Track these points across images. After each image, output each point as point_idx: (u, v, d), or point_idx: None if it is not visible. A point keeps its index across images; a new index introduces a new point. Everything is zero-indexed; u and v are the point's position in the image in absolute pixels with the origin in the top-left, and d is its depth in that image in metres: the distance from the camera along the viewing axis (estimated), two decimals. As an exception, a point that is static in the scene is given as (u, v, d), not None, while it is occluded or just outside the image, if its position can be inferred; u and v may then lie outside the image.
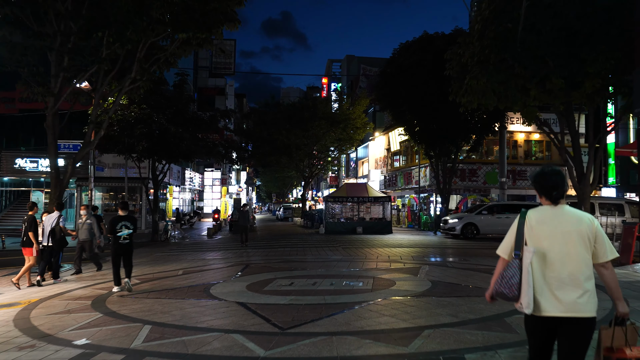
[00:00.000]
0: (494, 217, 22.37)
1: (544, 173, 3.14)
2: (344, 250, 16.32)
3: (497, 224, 22.25)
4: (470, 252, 15.98)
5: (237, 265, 12.53)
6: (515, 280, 2.96)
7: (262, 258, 14.51)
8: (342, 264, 12.58)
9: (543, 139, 30.78)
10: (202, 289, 9.23)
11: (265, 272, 11.21)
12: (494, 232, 22.62)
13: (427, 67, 23.91)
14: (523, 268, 2.95)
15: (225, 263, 13.18)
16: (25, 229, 10.57)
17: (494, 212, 22.70)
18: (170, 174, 33.89)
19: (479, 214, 22.89)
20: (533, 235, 2.99)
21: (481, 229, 22.26)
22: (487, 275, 10.44)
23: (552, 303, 2.88)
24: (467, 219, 22.51)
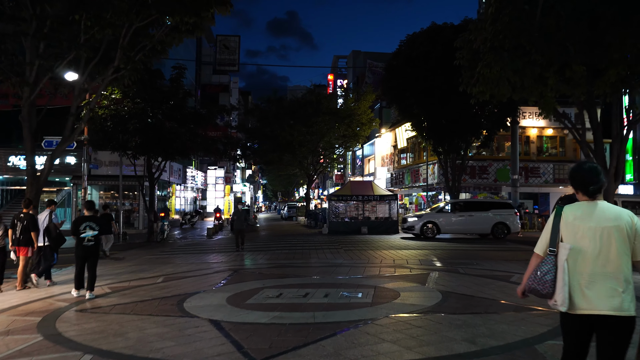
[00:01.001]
0: (455, 216, 20.94)
1: (580, 167, 3.04)
2: (345, 253, 14.96)
3: (458, 223, 20.91)
4: (483, 255, 14.56)
5: (225, 271, 11.21)
6: (549, 277, 2.91)
7: (255, 262, 13.21)
8: (342, 269, 11.23)
9: (556, 134, 29.23)
10: (177, 301, 7.92)
11: (253, 280, 9.89)
12: (455, 231, 21.23)
13: (435, 59, 22.49)
14: (558, 265, 2.90)
15: (214, 268, 11.87)
16: (24, 227, 9.80)
17: (456, 211, 21.22)
18: (170, 172, 32.70)
19: (440, 212, 21.48)
20: (569, 232, 2.93)
21: (442, 228, 20.89)
22: (504, 284, 9.05)
23: (589, 301, 2.82)
24: (426, 218, 21.13)
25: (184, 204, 40.11)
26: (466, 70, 16.07)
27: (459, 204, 21.79)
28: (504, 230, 20.72)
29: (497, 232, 20.68)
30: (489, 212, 20.97)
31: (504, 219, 20.79)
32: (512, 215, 21.08)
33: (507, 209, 21.45)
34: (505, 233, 20.72)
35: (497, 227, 20.69)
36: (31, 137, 13.73)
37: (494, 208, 21.27)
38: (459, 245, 18.12)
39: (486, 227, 20.77)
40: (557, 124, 28.76)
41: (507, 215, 20.95)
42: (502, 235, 20.59)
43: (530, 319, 6.43)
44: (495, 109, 24.00)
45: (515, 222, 21.05)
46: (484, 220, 20.78)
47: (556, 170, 28.60)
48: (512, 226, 20.83)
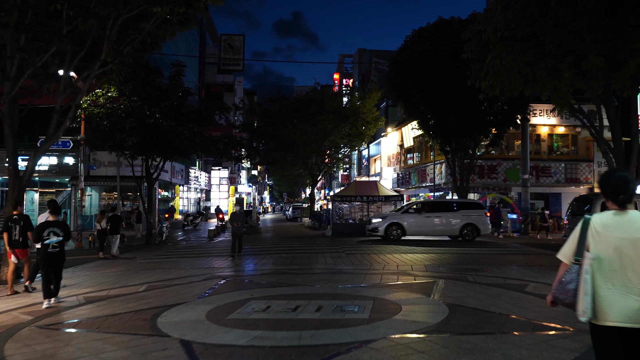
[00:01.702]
0: (421, 217, 19.76)
1: (610, 175, 2.92)
2: (347, 257, 14.02)
3: (425, 224, 19.69)
4: (494, 260, 13.55)
5: (215, 279, 10.30)
6: (571, 286, 2.84)
7: (249, 268, 12.31)
8: (341, 276, 10.28)
9: (568, 132, 28.09)
10: (151, 315, 7.03)
11: (242, 289, 8.98)
12: (422, 233, 19.99)
13: (442, 54, 21.50)
14: (581, 275, 2.80)
15: (204, 275, 10.96)
16: (23, 228, 9.43)
17: (422, 211, 20.08)
18: (172, 173, 31.91)
19: (405, 212, 20.29)
20: (597, 241, 2.81)
21: (407, 230, 19.65)
22: (519, 295, 8.07)
23: (616, 313, 2.71)
24: (391, 219, 19.88)
25: (188, 205, 39.34)
26: (475, 63, 15.08)
27: (427, 204, 20.70)
28: (474, 232, 19.56)
29: (466, 233, 19.53)
30: (458, 212, 19.81)
31: (474, 220, 19.62)
32: (482, 216, 19.93)
33: (477, 209, 20.32)
34: (475, 235, 19.59)
35: (466, 228, 19.53)
36: (13, 136, 12.95)
37: (463, 209, 20.07)
38: (468, 249, 17.11)
39: (454, 229, 19.61)
40: (569, 122, 27.64)
41: (477, 216, 19.80)
42: (470, 237, 19.48)
43: (553, 341, 5.45)
44: (505, 106, 22.97)
45: (486, 223, 19.91)
46: (452, 221, 19.63)
47: (568, 169, 27.46)
48: (482, 227, 19.67)
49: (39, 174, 27.13)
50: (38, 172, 26.92)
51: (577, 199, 16.45)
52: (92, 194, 28.84)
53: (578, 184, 27.49)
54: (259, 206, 64.77)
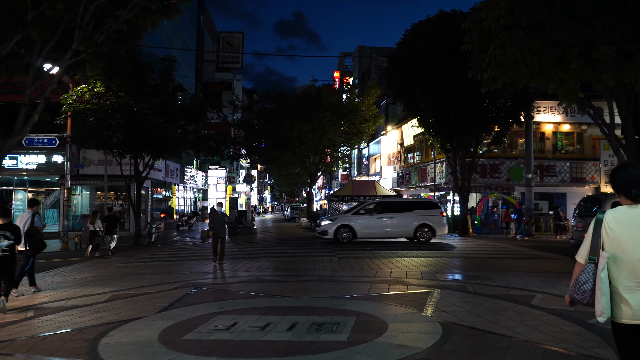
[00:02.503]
0: (373, 218, 18.55)
1: (621, 169, 2.86)
2: (338, 262, 12.96)
3: (376, 226, 18.49)
4: (497, 264, 12.47)
5: (187, 287, 9.25)
6: (587, 286, 2.73)
7: (229, 275, 11.26)
8: (326, 285, 9.22)
9: (573, 130, 26.93)
10: (96, 334, 6.00)
11: (213, 300, 7.93)
12: (374, 235, 18.80)
13: (442, 48, 20.43)
14: (597, 274, 2.70)
15: (178, 282, 9.91)
16: None
17: (373, 212, 18.82)
18: (167, 172, 30.94)
19: (356, 214, 19.01)
20: (611, 239, 2.72)
21: (358, 232, 18.43)
22: (525, 309, 7.01)
23: (633, 311, 2.62)
24: (341, 221, 18.67)
25: (185, 205, 38.37)
26: (476, 54, 13.99)
27: (380, 205, 19.45)
28: (429, 233, 18.44)
29: (420, 234, 18.41)
30: (411, 213, 18.63)
31: (429, 220, 18.49)
32: (437, 215, 18.78)
33: (432, 209, 19.17)
34: (431, 236, 18.48)
35: (421, 229, 18.42)
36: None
37: (417, 208, 18.91)
38: (470, 252, 16.03)
39: (408, 230, 18.46)
40: (575, 119, 26.52)
41: (432, 216, 18.66)
42: (426, 239, 18.37)
43: (569, 375, 4.39)
44: (508, 102, 21.89)
45: (442, 223, 18.76)
46: (406, 222, 18.44)
47: (573, 168, 26.32)
48: (438, 228, 18.54)
49: (27, 173, 26.19)
50: (26, 171, 26.00)
51: (585, 199, 15.35)
52: (83, 193, 27.84)
53: (584, 184, 26.34)
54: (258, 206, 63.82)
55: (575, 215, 15.07)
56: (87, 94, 19.79)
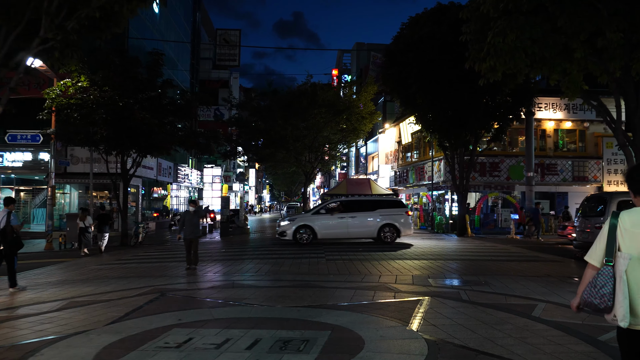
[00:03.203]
0: (334, 218, 17.44)
1: (637, 168, 2.84)
2: (325, 264, 12.04)
3: (338, 226, 17.37)
4: (496, 267, 11.54)
5: (151, 294, 8.32)
6: (607, 290, 2.60)
7: (203, 279, 10.35)
8: (306, 291, 8.30)
9: (575, 127, 25.95)
10: (24, 353, 5.10)
11: (174, 310, 7.02)
12: (335, 236, 17.69)
13: (440, 41, 19.51)
14: (617, 277, 2.59)
15: (143, 288, 8.97)
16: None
17: (334, 212, 17.68)
18: (159, 170, 30.05)
19: (316, 213, 17.96)
20: (628, 240, 2.63)
21: (319, 233, 17.31)
22: (526, 322, 6.09)
23: None
24: (300, 221, 17.59)
25: (180, 204, 37.48)
26: (474, 44, 13.08)
27: (342, 204, 18.36)
28: (394, 234, 17.40)
29: (384, 235, 17.36)
30: (375, 212, 17.58)
31: (393, 219, 17.41)
32: (402, 215, 17.67)
33: (397, 207, 18.04)
34: (395, 236, 17.45)
35: (384, 229, 17.37)
36: None
37: (381, 207, 17.81)
38: (467, 253, 15.11)
39: (372, 230, 17.41)
40: (577, 116, 25.56)
41: (396, 215, 17.56)
42: (390, 239, 17.34)
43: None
44: (508, 97, 20.96)
45: (407, 222, 17.67)
46: (369, 222, 17.42)
47: (575, 167, 25.36)
48: (402, 228, 17.48)
49: (14, 171, 25.32)
50: (12, 169, 25.12)
51: (589, 198, 14.40)
52: (71, 192, 26.97)
53: (586, 183, 25.39)
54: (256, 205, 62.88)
55: (578, 215, 14.12)
56: (70, 88, 18.95)
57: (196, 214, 12.05)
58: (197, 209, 12.16)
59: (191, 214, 11.96)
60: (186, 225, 11.73)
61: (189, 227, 11.70)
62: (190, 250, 11.62)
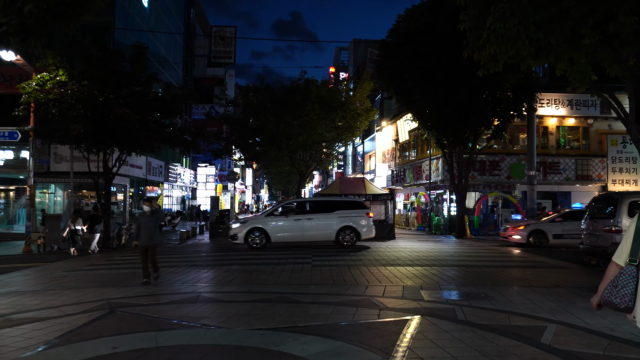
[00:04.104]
0: (289, 220, 16.22)
1: None
2: (311, 271, 10.88)
3: (293, 229, 16.10)
4: (496, 276, 10.38)
5: (99, 310, 7.14)
6: (628, 290, 2.59)
7: (163, 292, 9.16)
8: (278, 308, 7.14)
9: (579, 124, 24.75)
10: None
11: (112, 334, 5.84)
12: (291, 239, 16.40)
13: (437, 33, 18.33)
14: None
15: (95, 302, 7.82)
16: None
17: (290, 214, 16.52)
18: (148, 169, 28.92)
19: (270, 215, 16.72)
20: None
21: (272, 237, 16.03)
22: (535, 352, 4.92)
23: None
24: (252, 223, 16.28)
25: (171, 204, 36.34)
26: (472, 31, 11.89)
27: (298, 205, 17.31)
28: (353, 237, 16.23)
29: (343, 238, 16.20)
30: (333, 214, 16.39)
31: (353, 221, 16.25)
32: (362, 217, 16.42)
33: (357, 209, 16.79)
34: (354, 240, 16.25)
35: (343, 232, 16.21)
36: None
37: (340, 209, 16.61)
38: (466, 258, 13.94)
39: (329, 233, 16.24)
40: (580, 113, 24.37)
41: (356, 217, 16.38)
42: (350, 243, 16.16)
43: None
44: (509, 92, 19.80)
45: (368, 225, 16.44)
46: (327, 224, 16.25)
47: (579, 165, 24.17)
48: (363, 231, 16.29)
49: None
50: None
51: (597, 198, 13.22)
52: (56, 191, 25.82)
53: (590, 182, 24.21)
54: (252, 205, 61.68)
55: (585, 217, 12.94)
56: (49, 83, 17.82)
57: (153, 216, 9.89)
58: (154, 210, 10.00)
59: (146, 217, 9.83)
60: (141, 229, 9.83)
61: (144, 232, 9.75)
62: (146, 261, 9.70)
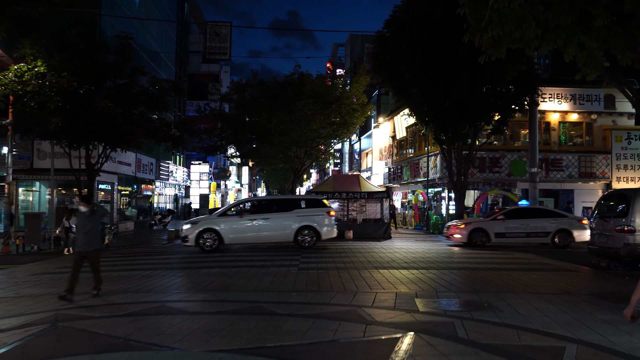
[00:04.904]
0: (244, 220, 15.14)
1: None
2: (296, 275, 9.86)
3: (248, 230, 15.06)
4: (502, 280, 9.35)
5: (40, 324, 6.08)
6: None
7: (123, 301, 8.12)
8: (249, 321, 6.10)
9: (582, 120, 23.73)
10: None
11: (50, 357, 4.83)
12: (245, 240, 15.39)
13: (436, 23, 17.28)
14: None
15: (41, 313, 6.78)
16: None
17: (244, 213, 15.52)
18: (138, 166, 27.87)
19: (223, 215, 15.61)
20: None
21: (225, 238, 14.95)
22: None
23: None
24: (204, 224, 15.15)
25: (163, 202, 35.30)
26: (473, 14, 10.85)
27: (254, 204, 16.23)
28: (313, 237, 15.23)
29: (302, 238, 15.20)
30: (291, 213, 15.41)
31: (312, 220, 15.27)
32: (322, 215, 15.45)
33: (316, 207, 15.75)
34: (314, 240, 15.23)
35: (302, 232, 15.20)
36: None
37: (299, 207, 15.73)
38: (466, 259, 12.92)
39: (287, 234, 15.22)
40: (583, 108, 23.37)
41: (316, 215, 15.38)
42: (309, 244, 15.15)
43: None
44: (510, 86, 18.76)
45: (329, 224, 15.41)
46: (285, 224, 15.23)
47: (582, 162, 23.15)
48: (323, 230, 15.30)
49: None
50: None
51: (607, 196, 12.21)
52: (41, 189, 24.77)
53: (593, 179, 23.20)
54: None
55: (594, 215, 11.93)
56: (27, 74, 16.79)
57: (93, 217, 7.99)
58: (93, 210, 8.06)
59: (84, 217, 7.94)
60: (78, 232, 8.10)
61: (81, 236, 7.95)
62: (78, 270, 7.79)
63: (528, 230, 16.07)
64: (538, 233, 16.08)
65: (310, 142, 26.88)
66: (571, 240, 15.97)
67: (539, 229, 16.08)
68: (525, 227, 16.09)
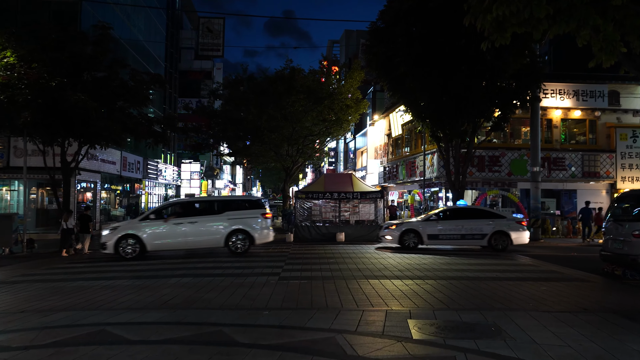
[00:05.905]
0: (169, 224, 13.64)
1: None
2: (275, 287, 8.62)
3: (173, 235, 13.60)
4: (506, 294, 8.15)
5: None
6: None
7: (62, 323, 6.89)
8: (197, 356, 4.88)
9: (585, 117, 22.55)
10: None
11: None
12: (170, 247, 13.88)
13: (433, 12, 16.08)
14: None
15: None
16: None
17: (169, 217, 13.90)
18: (124, 165, 26.62)
19: (145, 219, 14.09)
20: None
21: (148, 244, 13.52)
22: None
23: None
24: (124, 230, 13.72)
25: (153, 202, 34.05)
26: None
27: (179, 206, 14.87)
28: (245, 241, 13.83)
29: (234, 244, 13.79)
30: (222, 216, 13.99)
31: (245, 224, 13.85)
32: (256, 217, 14.05)
33: (251, 209, 14.34)
34: (247, 245, 13.80)
35: (234, 236, 13.78)
36: None
37: (231, 209, 14.20)
38: (464, 267, 11.71)
39: (217, 239, 13.82)
40: (587, 104, 22.18)
41: (249, 218, 13.96)
42: (240, 250, 13.73)
43: None
44: (511, 80, 17.58)
45: (264, 226, 14.02)
46: (214, 229, 13.84)
47: (585, 161, 21.99)
48: (257, 234, 13.92)
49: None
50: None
51: (622, 197, 11.02)
52: (18, 189, 23.50)
53: (597, 179, 22.03)
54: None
55: (608, 219, 10.73)
56: (7, 61, 15.58)
57: None
58: None
59: None
60: None
61: None
62: None
63: (463, 232, 14.84)
64: (474, 235, 14.84)
65: (302, 140, 25.66)
66: (509, 243, 14.76)
67: (475, 231, 14.84)
68: (460, 229, 14.86)
